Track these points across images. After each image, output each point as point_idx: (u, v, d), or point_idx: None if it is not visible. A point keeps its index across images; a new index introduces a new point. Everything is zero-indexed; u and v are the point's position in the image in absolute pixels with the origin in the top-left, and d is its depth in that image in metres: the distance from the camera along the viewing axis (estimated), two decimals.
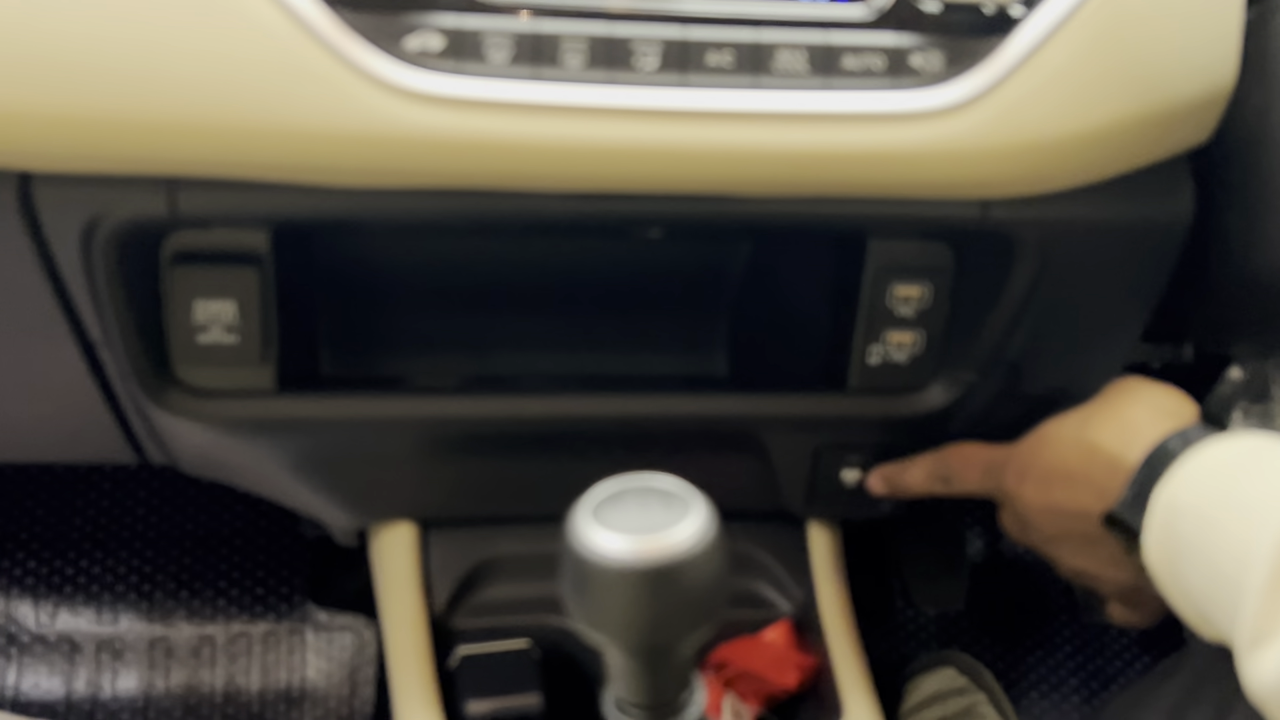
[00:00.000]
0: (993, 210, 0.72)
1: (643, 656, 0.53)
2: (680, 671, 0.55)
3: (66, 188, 0.64)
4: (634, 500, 0.51)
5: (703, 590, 0.51)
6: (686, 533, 0.50)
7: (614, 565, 0.49)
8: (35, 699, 1.29)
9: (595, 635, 0.53)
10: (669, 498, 0.51)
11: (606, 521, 0.50)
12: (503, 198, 0.67)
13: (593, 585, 0.50)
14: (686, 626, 0.52)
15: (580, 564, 0.50)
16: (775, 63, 0.63)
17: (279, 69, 0.59)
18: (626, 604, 0.50)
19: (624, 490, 0.52)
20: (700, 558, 0.50)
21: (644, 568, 0.49)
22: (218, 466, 0.87)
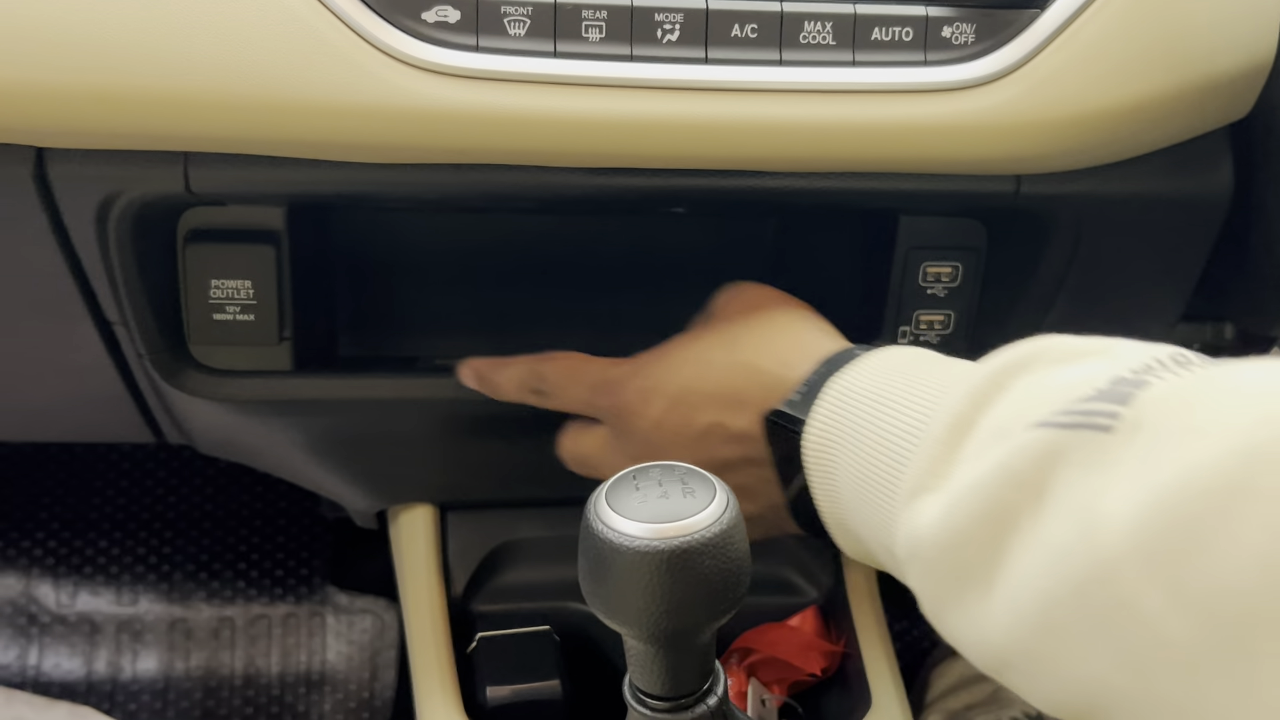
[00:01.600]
0: (1026, 186, 0.70)
1: (660, 644, 0.52)
2: (699, 660, 0.53)
3: (81, 163, 0.63)
4: (654, 487, 0.50)
5: (723, 576, 0.50)
6: (706, 519, 0.48)
7: (631, 550, 0.48)
8: (56, 679, 1.29)
9: (613, 622, 0.51)
10: (689, 484, 0.50)
11: (624, 507, 0.49)
12: (523, 173, 0.65)
13: (610, 571, 0.49)
14: (704, 614, 0.50)
15: (598, 549, 0.49)
16: (801, 35, 0.61)
17: (295, 43, 0.57)
18: (644, 590, 0.49)
19: (644, 476, 0.51)
20: (719, 544, 0.49)
21: (662, 553, 0.48)
22: (234, 447, 0.86)
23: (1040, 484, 0.44)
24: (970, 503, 0.47)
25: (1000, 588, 0.46)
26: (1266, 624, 0.36)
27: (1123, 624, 0.40)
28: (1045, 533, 0.43)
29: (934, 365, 0.58)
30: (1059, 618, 0.43)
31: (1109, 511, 0.41)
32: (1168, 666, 0.39)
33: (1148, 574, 0.39)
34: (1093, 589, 0.41)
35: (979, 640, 0.48)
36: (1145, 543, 0.39)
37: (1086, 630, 0.42)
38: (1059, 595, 0.43)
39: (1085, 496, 0.42)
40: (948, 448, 0.50)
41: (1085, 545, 0.41)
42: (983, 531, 0.46)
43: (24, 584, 1.31)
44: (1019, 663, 0.46)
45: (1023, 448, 0.45)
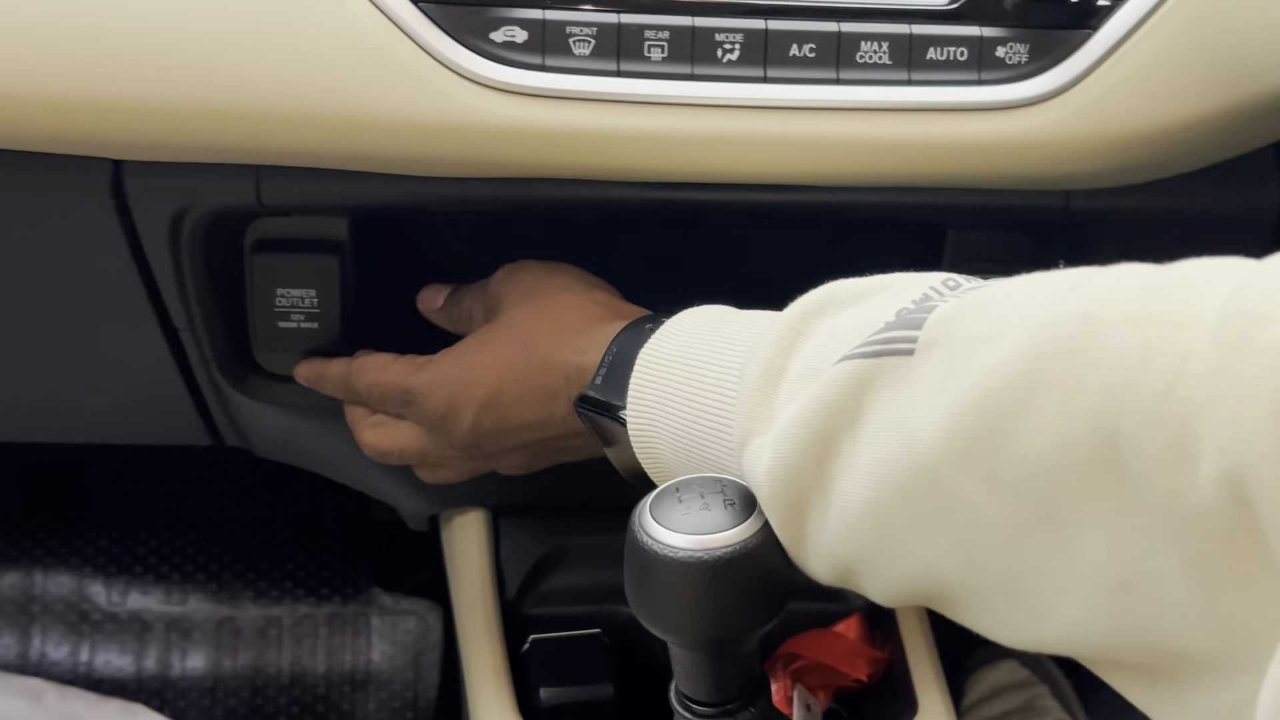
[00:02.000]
0: (1075, 201, 0.71)
1: (705, 651, 0.53)
2: (744, 667, 0.55)
3: (157, 176, 0.66)
4: (696, 499, 0.52)
5: (766, 585, 0.51)
6: (748, 529, 0.50)
7: (675, 561, 0.50)
8: (107, 675, 1.32)
9: (658, 630, 0.53)
10: (731, 496, 0.52)
11: (668, 519, 0.51)
12: (583, 186, 0.67)
13: (654, 581, 0.51)
14: (749, 623, 0.52)
15: (642, 560, 0.51)
16: (858, 54, 0.63)
17: (369, 62, 0.59)
18: (688, 600, 0.50)
19: (686, 488, 0.53)
20: (761, 554, 0.51)
21: (705, 563, 0.50)
22: (293, 451, 0.88)
23: (854, 410, 0.48)
24: (794, 438, 0.50)
25: (832, 506, 0.50)
26: (1068, 493, 0.41)
27: (948, 515, 0.46)
28: (866, 450, 0.48)
29: (734, 320, 0.61)
30: (889, 520, 0.48)
31: (921, 422, 0.46)
32: (991, 544, 0.45)
33: (964, 469, 0.44)
34: (918, 489, 0.46)
35: (824, 552, 0.51)
36: (958, 443, 0.44)
37: (916, 528, 0.47)
38: (886, 502, 0.47)
39: (897, 412, 0.47)
40: (764, 394, 0.53)
41: (905, 454, 0.46)
42: (809, 461, 0.50)
43: (76, 582, 1.34)
44: (860, 567, 0.50)
45: (833, 380, 0.49)
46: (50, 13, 0.59)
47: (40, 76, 0.59)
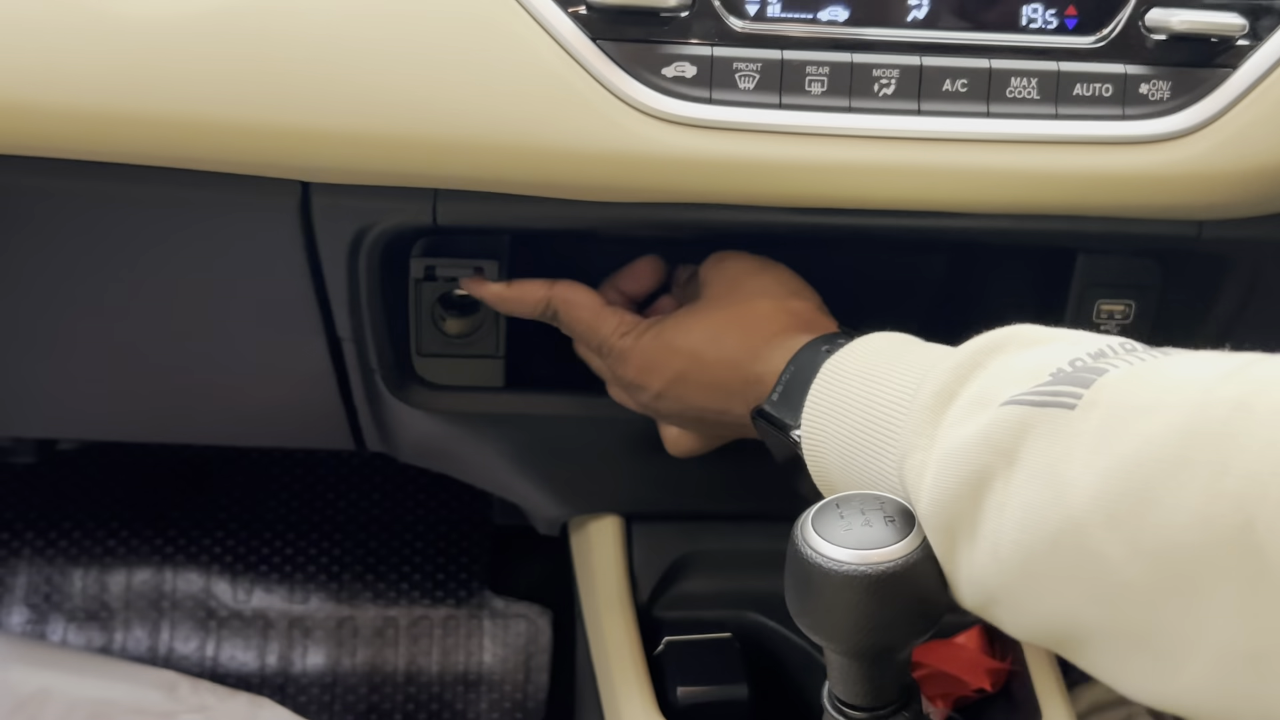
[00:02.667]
0: (1208, 230, 0.73)
1: (861, 658, 0.56)
2: (896, 674, 0.58)
3: (343, 196, 0.70)
4: (856, 514, 0.55)
5: (923, 599, 0.54)
6: (908, 545, 0.53)
7: (838, 574, 0.53)
8: (231, 670, 1.37)
9: (817, 637, 0.56)
10: (890, 513, 0.55)
11: (830, 533, 0.54)
12: (738, 211, 0.71)
13: (816, 592, 0.54)
14: (906, 633, 0.55)
15: (805, 571, 0.54)
16: (1008, 89, 0.66)
17: (552, 95, 0.64)
18: (848, 611, 0.53)
19: (847, 504, 0.56)
20: (920, 569, 0.53)
21: (869, 576, 0.53)
22: (439, 456, 0.92)
23: (1012, 451, 0.51)
24: (954, 466, 0.53)
25: (981, 539, 0.52)
26: (1204, 566, 0.44)
27: (1090, 569, 0.48)
28: (1019, 493, 0.51)
29: (915, 347, 0.65)
30: (1035, 565, 0.50)
31: (1074, 478, 0.48)
32: (1129, 602, 0.47)
33: (1109, 529, 0.47)
34: (1064, 540, 0.49)
35: (970, 580, 0.54)
36: (1106, 504, 0.47)
37: (1060, 575, 0.50)
38: (1035, 547, 0.50)
39: (1052, 462, 0.50)
40: (932, 413, 0.56)
41: (1056, 504, 0.49)
42: (965, 489, 0.53)
43: (204, 581, 1.40)
44: (1003, 600, 0.53)
45: (998, 419, 0.52)
46: (256, 51, 0.64)
47: (247, 106, 0.64)
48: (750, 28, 0.65)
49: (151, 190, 0.69)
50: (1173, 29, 0.66)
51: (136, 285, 0.80)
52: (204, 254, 0.77)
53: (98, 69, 0.63)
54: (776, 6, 0.66)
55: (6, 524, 1.39)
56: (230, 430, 1.02)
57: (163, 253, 0.77)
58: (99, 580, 1.39)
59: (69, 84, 0.63)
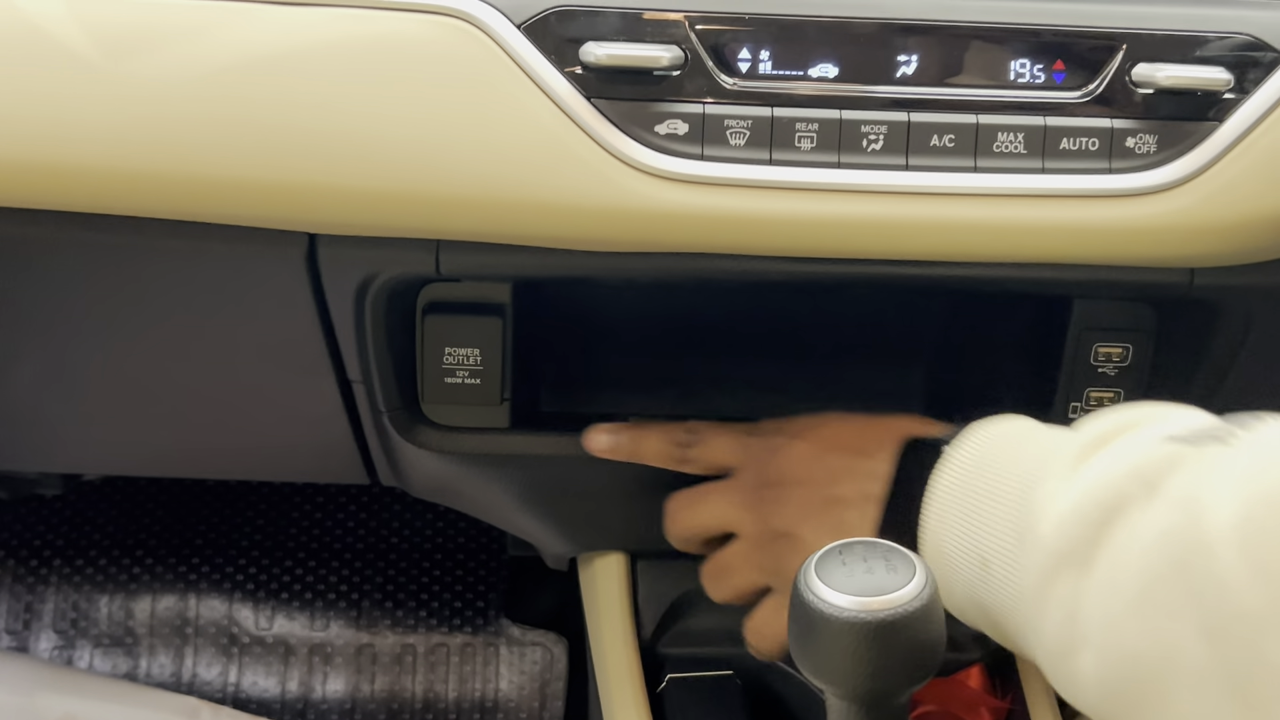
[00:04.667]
0: (1199, 278, 0.74)
1: (861, 703, 0.57)
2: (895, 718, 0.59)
3: (348, 248, 0.72)
4: (858, 562, 0.56)
5: (922, 646, 0.55)
6: (908, 594, 0.54)
7: (839, 620, 0.54)
8: (253, 696, 1.40)
9: (818, 681, 0.57)
10: (891, 561, 0.56)
11: (832, 579, 0.55)
12: (731, 260, 0.72)
13: (818, 637, 0.55)
14: (904, 679, 0.56)
15: (808, 616, 0.55)
16: (995, 144, 0.68)
17: (545, 153, 0.66)
18: (849, 656, 0.55)
19: (849, 551, 0.57)
20: (920, 617, 0.55)
21: (869, 623, 0.54)
22: (449, 493, 0.94)
23: (1156, 482, 0.52)
24: (1093, 492, 0.55)
25: (1099, 567, 0.53)
26: None
27: (1210, 596, 0.48)
28: (1152, 518, 0.52)
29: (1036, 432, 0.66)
30: (1153, 592, 0.51)
31: (1215, 502, 0.49)
32: (1239, 634, 0.47)
33: (1242, 554, 0.47)
34: (1191, 563, 0.49)
35: (1067, 616, 0.55)
36: (1246, 529, 0.48)
37: (1176, 602, 0.50)
38: (1158, 571, 0.51)
39: (1196, 489, 0.51)
40: (1079, 460, 0.58)
41: (1193, 527, 0.50)
42: (1097, 514, 0.54)
43: (227, 607, 1.42)
44: (1101, 637, 0.53)
45: (1149, 454, 0.54)
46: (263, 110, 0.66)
47: (253, 165, 0.67)
48: (741, 85, 0.67)
49: (160, 242, 0.72)
50: (1159, 83, 0.67)
51: (150, 330, 0.82)
52: (215, 301, 0.79)
53: (106, 128, 0.65)
54: (767, 64, 0.67)
55: (35, 552, 1.42)
56: (246, 466, 1.05)
57: (174, 300, 0.79)
58: (124, 607, 1.42)
59: (78, 143, 0.66)
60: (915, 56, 0.67)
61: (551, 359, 0.96)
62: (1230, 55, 0.68)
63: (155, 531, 1.44)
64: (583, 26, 0.66)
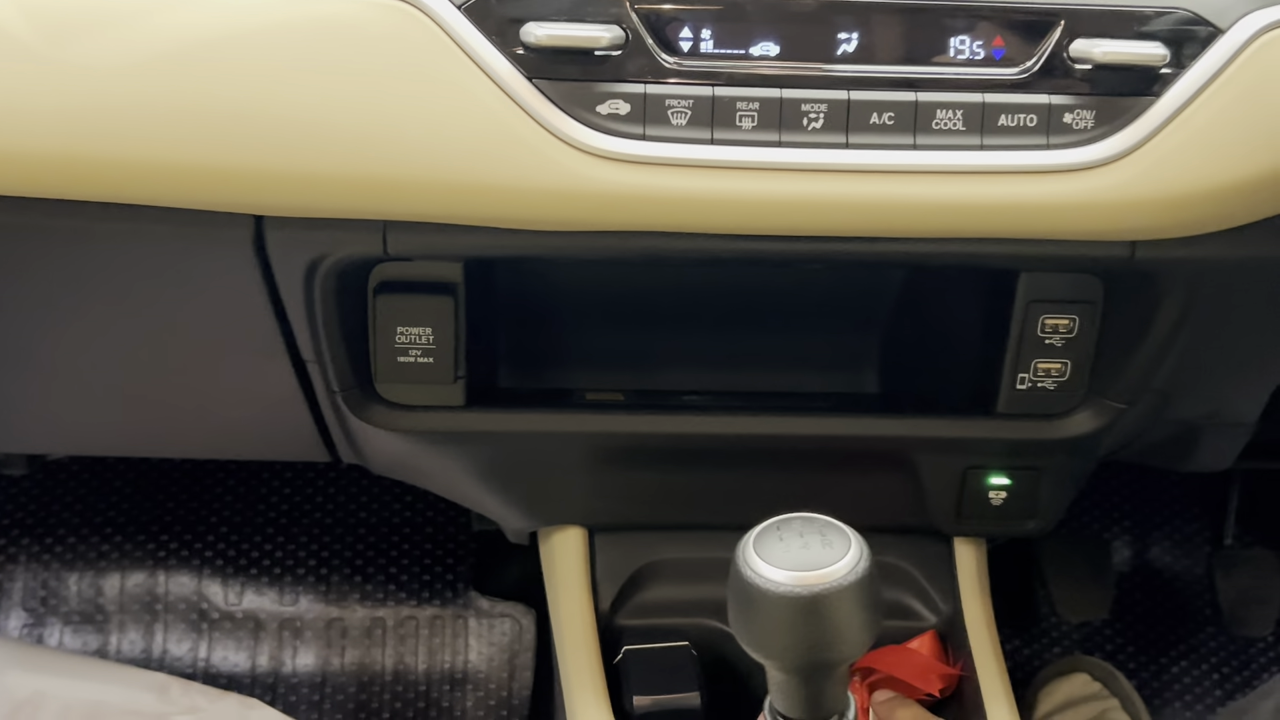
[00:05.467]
0: (1140, 251, 0.75)
1: (799, 675, 0.59)
2: (833, 689, 0.60)
3: (295, 230, 0.73)
4: (795, 538, 0.57)
5: (857, 619, 0.56)
6: (843, 568, 0.55)
7: (776, 595, 0.55)
8: (224, 671, 1.40)
9: (757, 655, 0.59)
10: (827, 536, 0.57)
11: (770, 555, 0.56)
12: (678, 238, 0.73)
13: (756, 611, 0.56)
14: (840, 651, 0.57)
15: (746, 592, 0.56)
16: (934, 121, 0.68)
17: (489, 135, 0.66)
18: (786, 630, 0.56)
19: (786, 527, 0.58)
20: (855, 590, 0.56)
21: (804, 597, 0.55)
22: (407, 470, 0.95)
23: None
24: None
25: None
26: None
27: None
28: None
29: None
30: None
31: None
32: None
33: None
34: None
35: None
36: None
37: None
38: None
39: None
40: None
41: None
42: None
43: (196, 583, 1.43)
44: None
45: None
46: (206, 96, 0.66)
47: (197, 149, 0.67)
48: (683, 64, 0.67)
49: (103, 225, 0.72)
50: (1096, 59, 0.68)
51: (105, 313, 0.82)
52: (165, 283, 0.79)
53: (48, 113, 0.66)
54: (709, 43, 0.68)
55: (3, 531, 1.42)
56: (208, 444, 1.05)
57: (126, 282, 0.79)
58: (94, 584, 1.42)
59: (21, 128, 0.66)
60: (855, 35, 0.68)
61: (509, 336, 0.97)
62: (1167, 30, 0.68)
63: (124, 509, 1.44)
64: (523, 7, 0.66)
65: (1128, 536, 1.50)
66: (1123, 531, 1.51)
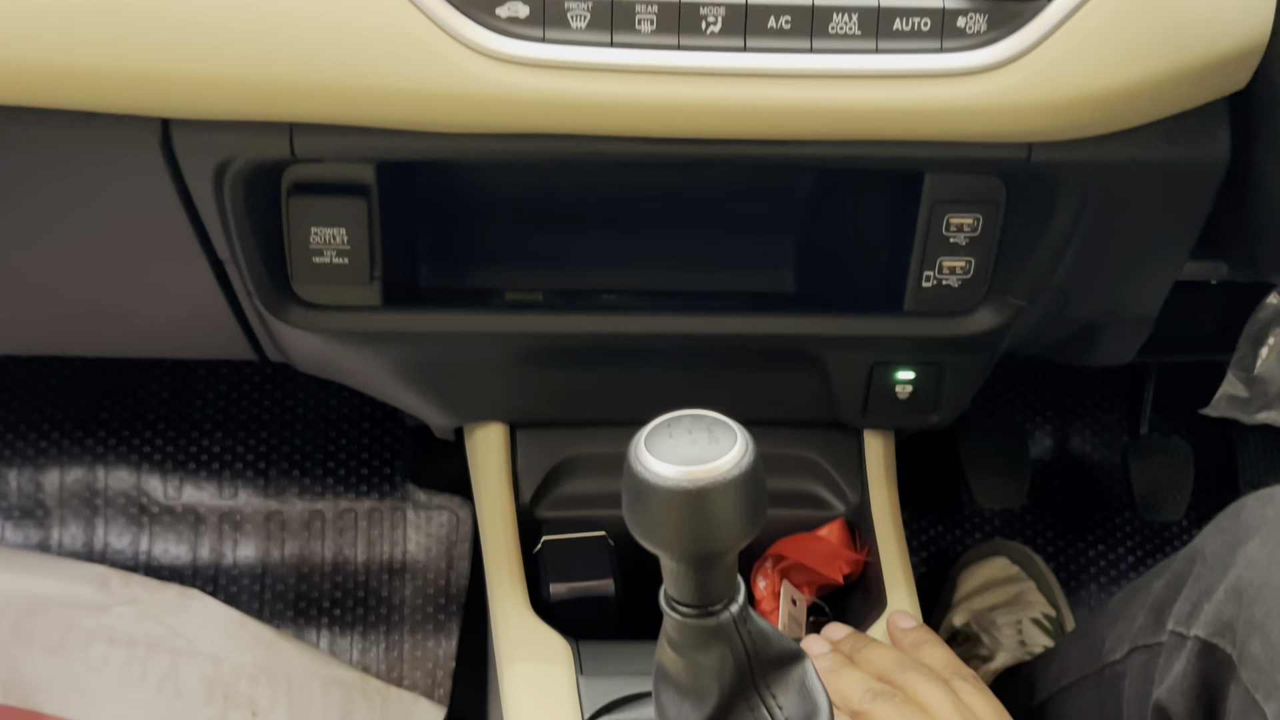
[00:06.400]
0: (1036, 153, 0.77)
1: (689, 563, 0.61)
2: (723, 576, 0.62)
3: (201, 133, 0.73)
4: (684, 434, 0.59)
5: (743, 510, 0.59)
6: (728, 463, 0.57)
7: (664, 489, 0.57)
8: (165, 563, 1.43)
9: (649, 545, 0.61)
10: (715, 433, 0.59)
11: (660, 451, 0.58)
12: (584, 141, 0.74)
13: (647, 505, 0.58)
14: (728, 540, 0.60)
15: (637, 486, 0.58)
16: (830, 25, 0.69)
17: (388, 37, 0.66)
18: (674, 522, 0.58)
19: (676, 424, 0.60)
20: (739, 484, 0.58)
21: (691, 491, 0.57)
22: (329, 369, 0.97)
23: None
24: None
25: None
26: None
27: None
28: None
29: None
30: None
31: None
32: None
33: None
34: None
35: None
36: None
37: None
38: None
39: None
40: None
41: None
42: None
43: (135, 478, 1.45)
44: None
45: None
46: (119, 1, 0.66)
47: (98, 52, 0.67)
48: None
49: (15, 130, 0.72)
50: None
51: (20, 218, 0.82)
52: (80, 187, 0.80)
53: None
54: None
55: None
56: (137, 344, 1.06)
57: (38, 187, 0.79)
58: (33, 480, 1.44)
59: None
60: None
61: (429, 236, 0.98)
62: None
63: (60, 406, 1.45)
64: None
65: (1049, 427, 1.55)
66: (1044, 422, 1.55)
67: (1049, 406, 1.56)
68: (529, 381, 0.94)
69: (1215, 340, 1.12)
